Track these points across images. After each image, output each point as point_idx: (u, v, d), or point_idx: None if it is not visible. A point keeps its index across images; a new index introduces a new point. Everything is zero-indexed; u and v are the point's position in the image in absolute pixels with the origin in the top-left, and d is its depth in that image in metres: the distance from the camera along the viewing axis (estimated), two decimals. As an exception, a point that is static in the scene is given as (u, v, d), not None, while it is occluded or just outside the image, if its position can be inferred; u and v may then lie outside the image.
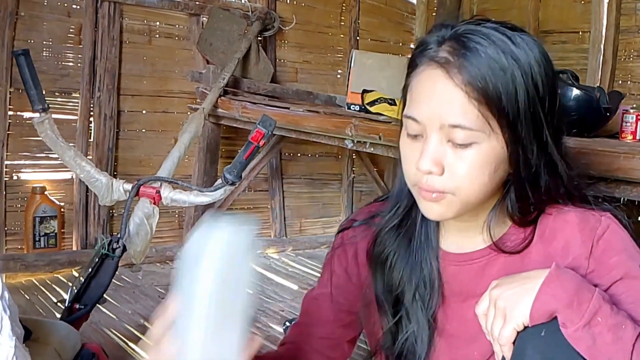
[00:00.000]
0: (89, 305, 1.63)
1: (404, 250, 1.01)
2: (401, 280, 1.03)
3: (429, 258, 1.01)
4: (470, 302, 1.01)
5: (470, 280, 0.99)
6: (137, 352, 2.06)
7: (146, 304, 2.47)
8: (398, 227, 1.01)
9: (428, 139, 0.84)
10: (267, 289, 2.73)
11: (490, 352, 1.01)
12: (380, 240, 1.04)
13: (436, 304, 1.02)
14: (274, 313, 2.46)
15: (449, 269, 1.01)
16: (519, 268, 0.92)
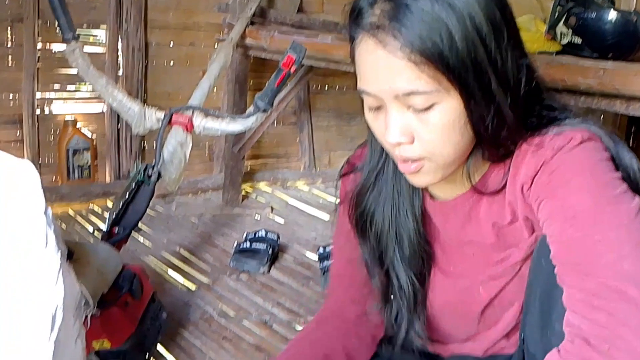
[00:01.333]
0: (127, 229, 1.67)
1: (383, 208, 1.01)
2: (384, 240, 1.03)
3: (412, 207, 1.00)
4: (466, 246, 1.02)
5: (461, 225, 0.99)
6: (173, 278, 2.12)
7: (180, 232, 2.52)
8: (375, 187, 1.00)
9: (388, 111, 0.82)
10: (299, 219, 2.75)
11: (497, 290, 1.02)
12: (358, 204, 1.03)
13: (424, 257, 1.03)
14: (306, 242, 2.49)
15: (438, 216, 1.01)
16: (501, 207, 0.92)
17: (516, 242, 0.96)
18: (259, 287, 2.09)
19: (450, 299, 1.06)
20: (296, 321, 1.86)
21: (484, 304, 1.03)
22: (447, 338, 1.15)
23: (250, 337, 1.77)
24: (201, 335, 1.76)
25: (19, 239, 1.09)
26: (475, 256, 1.01)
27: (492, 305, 1.04)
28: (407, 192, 1.00)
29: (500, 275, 1.00)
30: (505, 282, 1.01)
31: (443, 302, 1.07)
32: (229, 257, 2.26)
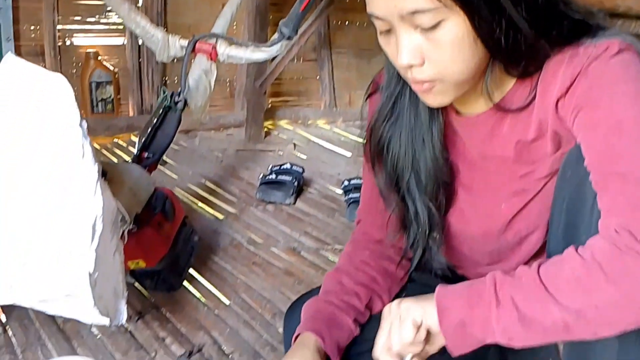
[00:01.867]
0: (156, 154, 1.67)
1: (400, 135, 0.99)
2: (400, 167, 1.01)
3: (430, 130, 0.98)
4: (489, 161, 1.00)
5: (483, 141, 0.97)
6: (201, 208, 2.13)
7: (205, 165, 2.53)
8: (391, 114, 0.98)
9: (397, 34, 0.79)
10: (322, 156, 2.75)
11: (519, 206, 1.01)
12: (375, 132, 1.01)
13: (441, 183, 1.01)
14: (330, 176, 2.49)
15: (462, 130, 0.99)
16: (526, 124, 0.89)
17: (540, 159, 0.95)
18: (285, 217, 2.10)
19: (473, 219, 1.06)
20: (324, 249, 1.87)
21: (506, 221, 1.02)
22: (471, 262, 1.15)
23: (279, 262, 1.78)
24: (231, 260, 1.78)
25: (57, 150, 1.10)
26: (498, 172, 1.00)
27: (515, 223, 1.03)
28: (425, 117, 0.99)
29: (523, 191, 0.99)
30: (529, 199, 0.99)
31: (465, 222, 1.07)
32: (255, 189, 2.27)
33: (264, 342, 1.37)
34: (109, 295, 1.13)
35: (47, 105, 1.10)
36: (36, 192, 1.05)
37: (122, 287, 1.17)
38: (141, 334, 1.38)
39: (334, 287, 1.10)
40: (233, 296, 1.57)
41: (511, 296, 0.78)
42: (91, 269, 1.02)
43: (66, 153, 1.08)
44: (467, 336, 0.82)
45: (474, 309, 0.80)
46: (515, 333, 0.79)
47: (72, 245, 1.03)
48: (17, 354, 1.29)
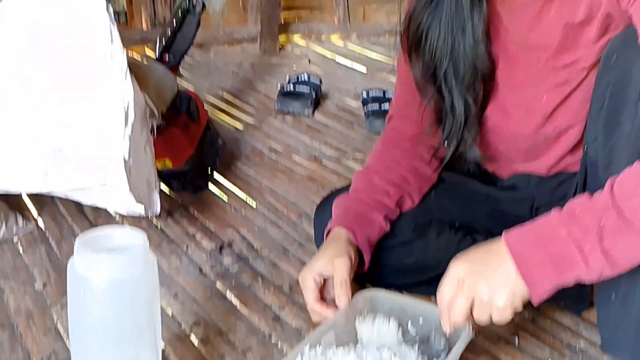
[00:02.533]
0: (177, 57, 1.64)
1: (439, 22, 0.96)
2: (438, 56, 0.98)
3: (472, 20, 0.94)
4: (532, 50, 0.96)
5: (528, 27, 0.94)
6: (220, 118, 2.12)
7: (221, 78, 2.50)
8: (432, 1, 0.96)
9: None
10: (337, 71, 2.70)
11: (561, 98, 0.98)
12: (414, 20, 0.98)
13: (484, 70, 0.98)
14: (347, 91, 2.45)
15: (507, 17, 0.95)
16: (576, 6, 0.86)
17: (585, 45, 0.92)
18: (304, 128, 2.08)
19: (513, 113, 1.04)
20: (344, 157, 1.86)
21: (547, 114, 1.00)
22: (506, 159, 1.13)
23: (301, 170, 1.78)
24: (254, 167, 1.78)
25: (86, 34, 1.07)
26: (541, 62, 0.97)
27: (556, 116, 1.01)
28: (467, 2, 0.95)
29: (566, 82, 0.97)
30: (571, 90, 0.97)
31: (505, 118, 1.05)
32: (272, 101, 2.25)
33: (291, 239, 1.38)
34: (142, 186, 1.13)
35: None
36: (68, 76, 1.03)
37: (154, 179, 1.17)
38: (172, 230, 1.40)
39: (364, 186, 1.10)
40: (259, 199, 1.58)
41: (599, 249, 0.75)
42: (126, 155, 1.02)
43: (95, 38, 1.06)
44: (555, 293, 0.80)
45: (563, 275, 0.77)
46: (606, 277, 0.78)
47: (106, 130, 1.02)
48: (52, 246, 1.31)
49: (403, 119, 1.15)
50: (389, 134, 1.17)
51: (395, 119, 1.17)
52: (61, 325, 1.05)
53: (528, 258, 0.78)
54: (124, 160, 1.02)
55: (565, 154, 1.06)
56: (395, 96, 1.20)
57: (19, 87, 1.05)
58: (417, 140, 1.12)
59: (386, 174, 1.10)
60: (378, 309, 0.97)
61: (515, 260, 0.78)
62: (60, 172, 1.05)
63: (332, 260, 0.96)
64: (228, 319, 1.09)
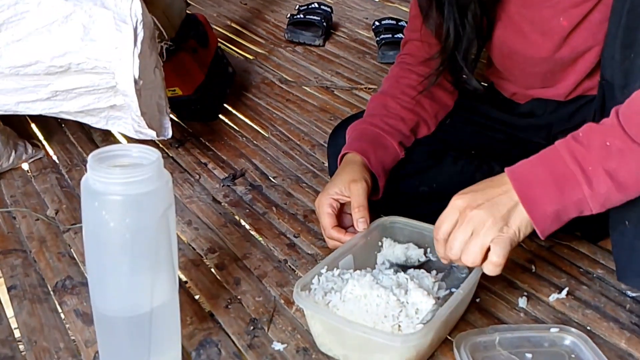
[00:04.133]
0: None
1: None
2: None
3: None
4: None
5: None
6: (229, 48, 2.06)
7: (229, 7, 2.44)
8: None
9: None
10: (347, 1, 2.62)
11: (579, 18, 0.93)
12: None
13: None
14: (358, 21, 2.39)
15: None
16: None
17: None
18: (315, 58, 2.03)
19: (530, 35, 0.99)
20: (357, 88, 1.82)
21: (564, 35, 0.96)
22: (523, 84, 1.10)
23: (313, 100, 1.74)
24: (265, 97, 1.74)
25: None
26: None
27: (573, 38, 0.96)
28: None
29: (582, 3, 0.92)
30: (588, 10, 0.93)
31: (522, 40, 1.00)
32: (282, 31, 2.19)
33: (305, 168, 1.36)
34: (153, 111, 1.10)
35: None
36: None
37: (164, 103, 1.14)
38: (183, 160, 1.38)
39: (379, 110, 1.07)
40: (270, 129, 1.55)
41: (602, 168, 0.72)
42: (136, 75, 0.98)
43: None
44: (561, 221, 0.77)
45: (565, 196, 0.74)
46: (612, 202, 0.75)
47: (116, 50, 0.98)
48: (62, 173, 1.30)
49: (418, 43, 1.11)
50: (404, 57, 1.14)
51: (411, 44, 1.13)
52: (75, 251, 1.05)
53: (528, 178, 0.76)
54: (134, 80, 0.98)
55: (583, 77, 1.02)
56: (410, 18, 1.16)
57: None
58: (433, 64, 1.08)
59: (401, 98, 1.07)
60: (397, 235, 0.96)
61: (515, 183, 0.76)
62: (68, 91, 1.01)
63: (349, 184, 0.94)
64: (243, 245, 1.08)
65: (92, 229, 0.69)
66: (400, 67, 1.13)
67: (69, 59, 0.96)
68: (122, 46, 0.98)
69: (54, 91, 0.99)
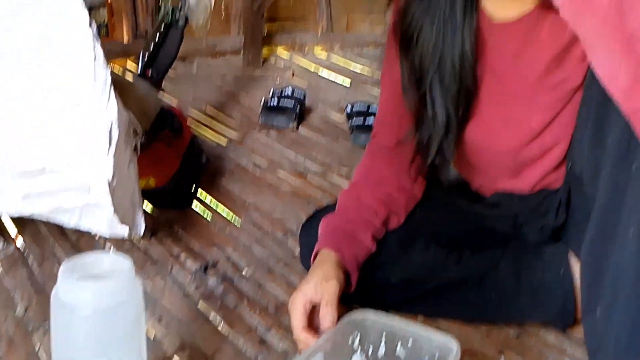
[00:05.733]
0: (160, 72, 1.63)
1: (432, 25, 0.95)
2: (426, 62, 0.98)
3: (462, 28, 0.94)
4: (522, 62, 0.96)
5: (519, 47, 0.94)
6: (203, 134, 2.10)
7: (205, 91, 2.48)
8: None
9: None
10: (321, 83, 2.70)
11: (549, 118, 0.98)
12: (406, 16, 0.97)
13: (466, 84, 0.98)
14: (331, 104, 2.46)
15: (495, 38, 0.96)
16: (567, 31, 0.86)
17: (574, 63, 0.93)
18: (289, 142, 2.07)
19: (501, 133, 1.04)
20: (330, 171, 1.86)
21: (535, 134, 1.01)
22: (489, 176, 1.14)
23: (286, 185, 1.77)
24: (238, 182, 1.76)
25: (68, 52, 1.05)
26: (530, 80, 0.98)
27: (543, 135, 1.01)
28: (460, 10, 0.95)
29: (556, 101, 0.97)
30: (559, 110, 0.98)
31: (492, 137, 1.05)
32: (256, 114, 2.24)
33: (277, 258, 1.37)
34: (126, 206, 1.11)
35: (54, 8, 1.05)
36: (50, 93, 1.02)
37: (138, 198, 1.16)
38: (155, 251, 1.38)
39: (352, 204, 1.09)
40: (243, 216, 1.57)
41: None
42: (110, 176, 1.00)
43: (78, 55, 1.04)
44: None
45: None
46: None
47: (90, 151, 1.00)
48: (33, 268, 1.29)
49: (388, 135, 1.15)
50: (374, 149, 1.17)
51: (380, 135, 1.17)
52: (43, 351, 1.03)
53: None
54: (108, 180, 1.00)
55: (549, 171, 1.06)
56: (379, 111, 1.20)
57: (1, 106, 1.03)
58: (401, 153, 1.12)
59: (373, 190, 1.10)
60: (367, 330, 0.96)
61: None
62: (41, 193, 1.03)
63: (322, 283, 0.95)
64: (213, 342, 1.07)
65: (61, 338, 0.69)
66: (371, 158, 1.16)
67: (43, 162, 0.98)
68: (96, 146, 1.00)
69: (27, 194, 1.00)
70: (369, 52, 3.20)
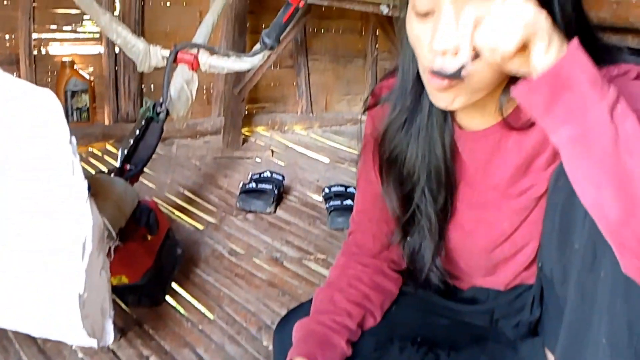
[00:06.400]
0: (139, 166, 1.65)
1: (417, 144, 0.99)
2: (414, 175, 1.02)
3: (442, 141, 0.99)
4: (491, 171, 1.01)
5: (488, 157, 0.99)
6: (180, 218, 2.12)
7: (183, 174, 2.51)
8: (406, 124, 0.99)
9: (441, 14, 0.78)
10: (300, 162, 2.75)
11: (519, 222, 1.03)
12: (388, 141, 1.02)
13: (451, 189, 1.03)
14: (309, 183, 2.49)
15: (466, 146, 1.00)
16: (529, 137, 0.91)
17: (537, 172, 0.97)
18: (266, 226, 2.09)
19: (474, 234, 1.07)
20: (306, 258, 1.87)
21: (506, 236, 1.04)
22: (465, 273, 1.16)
23: (262, 273, 1.78)
24: (213, 272, 1.77)
25: (46, 167, 1.08)
26: (498, 188, 1.01)
27: (513, 236, 1.04)
28: (438, 127, 0.99)
29: (524, 208, 1.01)
30: (527, 214, 1.01)
31: (465, 238, 1.08)
32: (234, 197, 2.26)
33: (250, 356, 1.36)
34: (96, 315, 1.11)
35: (35, 122, 1.08)
36: (24, 210, 1.03)
37: (108, 306, 1.16)
38: (124, 353, 1.36)
39: (326, 306, 1.10)
40: (217, 310, 1.57)
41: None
42: (81, 290, 1.01)
43: (55, 171, 1.06)
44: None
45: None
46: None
47: (62, 266, 1.01)
48: (-1, 375, 1.27)
49: (364, 234, 1.16)
50: (350, 248, 1.18)
51: (357, 234, 1.18)
52: None
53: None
54: (79, 294, 1.01)
55: (522, 269, 1.08)
56: (356, 210, 1.22)
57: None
58: (378, 254, 1.14)
59: (348, 291, 1.10)
60: None
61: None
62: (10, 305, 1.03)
63: None
64: None
65: None
66: (347, 257, 1.18)
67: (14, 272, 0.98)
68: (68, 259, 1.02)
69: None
70: (347, 129, 3.29)
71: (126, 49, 1.90)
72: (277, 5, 1.87)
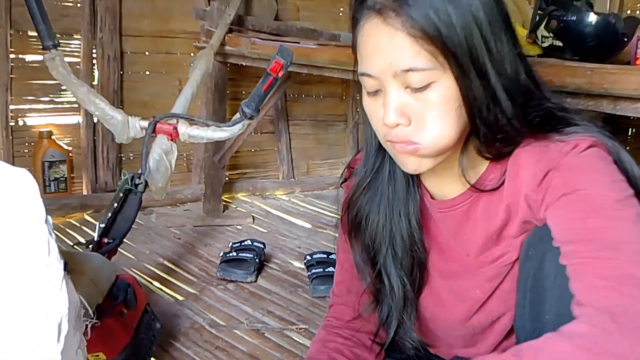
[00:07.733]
0: (117, 239, 1.62)
1: (378, 209, 1.01)
2: (377, 241, 1.03)
3: (406, 210, 1.01)
4: (462, 239, 1.02)
5: (458, 225, 1.00)
6: (159, 289, 2.07)
7: (162, 243, 2.47)
8: (370, 188, 1.01)
9: (387, 92, 0.83)
10: (281, 228, 2.73)
11: (491, 290, 1.03)
12: (352, 205, 1.04)
13: (417, 259, 1.03)
14: (290, 250, 2.47)
15: (437, 215, 1.02)
16: (497, 206, 0.93)
17: (508, 240, 0.97)
18: (247, 295, 2.06)
19: (448, 302, 1.06)
20: (288, 329, 1.84)
21: (479, 304, 1.04)
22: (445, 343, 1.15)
23: (243, 345, 1.73)
24: (193, 346, 1.72)
25: (22, 248, 1.05)
26: (470, 256, 1.02)
27: (487, 305, 1.04)
28: (402, 193, 1.00)
29: (495, 275, 1.01)
30: (500, 282, 1.01)
31: (440, 306, 1.07)
32: (215, 267, 2.23)
33: None
34: (70, 399, 1.06)
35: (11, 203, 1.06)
36: None
37: (84, 388, 1.11)
38: None
39: None
40: (197, 387, 1.51)
41: None
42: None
43: (30, 251, 1.03)
44: None
45: None
46: None
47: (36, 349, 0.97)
48: None
49: (344, 306, 1.15)
50: (330, 321, 1.17)
51: (336, 307, 1.18)
52: None
53: None
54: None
55: (501, 339, 1.07)
56: (335, 282, 1.21)
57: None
58: (358, 327, 1.12)
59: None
60: None
61: None
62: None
63: None
64: None
65: None
66: (327, 330, 1.16)
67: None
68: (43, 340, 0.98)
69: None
70: (329, 193, 3.29)
71: (104, 121, 1.90)
72: (257, 72, 1.90)
